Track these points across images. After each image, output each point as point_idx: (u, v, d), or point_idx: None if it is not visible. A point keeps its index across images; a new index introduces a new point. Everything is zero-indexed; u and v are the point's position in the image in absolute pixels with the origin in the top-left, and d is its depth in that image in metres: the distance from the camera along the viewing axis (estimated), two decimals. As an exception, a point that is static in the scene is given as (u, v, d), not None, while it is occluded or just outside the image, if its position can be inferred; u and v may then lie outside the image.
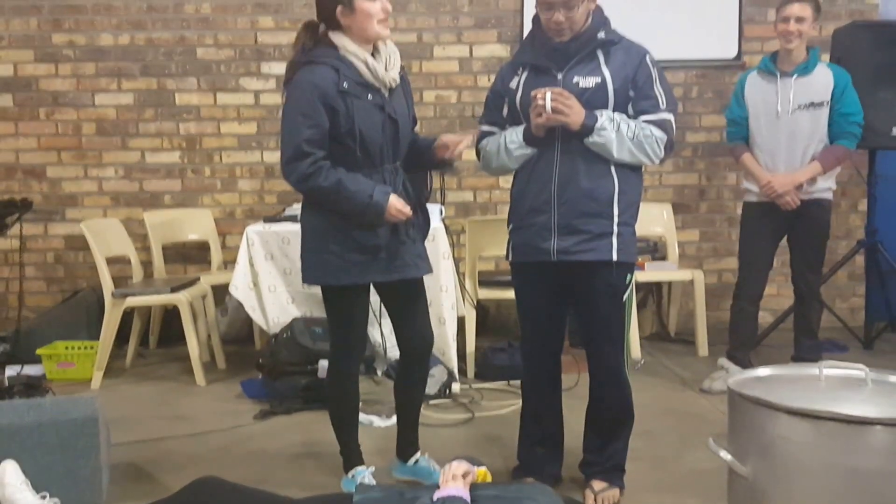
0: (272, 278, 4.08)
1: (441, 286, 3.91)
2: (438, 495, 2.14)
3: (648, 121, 2.57)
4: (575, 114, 2.51)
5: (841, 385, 2.17)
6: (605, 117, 2.54)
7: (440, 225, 3.93)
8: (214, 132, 5.33)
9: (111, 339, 4.27)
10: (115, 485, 2.78)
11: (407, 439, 2.96)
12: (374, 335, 3.83)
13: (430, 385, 3.78)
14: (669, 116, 2.60)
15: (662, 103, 2.60)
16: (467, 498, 2.15)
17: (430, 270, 2.82)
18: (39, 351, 4.40)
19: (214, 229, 5.26)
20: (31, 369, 4.31)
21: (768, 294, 4.28)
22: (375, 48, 2.61)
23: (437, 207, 3.70)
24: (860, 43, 4.51)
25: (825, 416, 1.95)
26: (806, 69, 3.88)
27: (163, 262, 5.00)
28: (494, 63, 5.16)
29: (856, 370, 2.20)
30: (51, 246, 5.38)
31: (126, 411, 3.76)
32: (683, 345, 4.90)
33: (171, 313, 4.69)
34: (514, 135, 2.65)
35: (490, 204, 5.40)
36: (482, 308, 4.70)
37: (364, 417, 3.37)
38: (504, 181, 4.96)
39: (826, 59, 4.04)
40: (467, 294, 4.33)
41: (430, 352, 2.92)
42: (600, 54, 2.59)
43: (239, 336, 4.99)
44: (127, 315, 4.45)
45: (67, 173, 5.34)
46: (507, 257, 2.79)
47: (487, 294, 4.52)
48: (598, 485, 2.75)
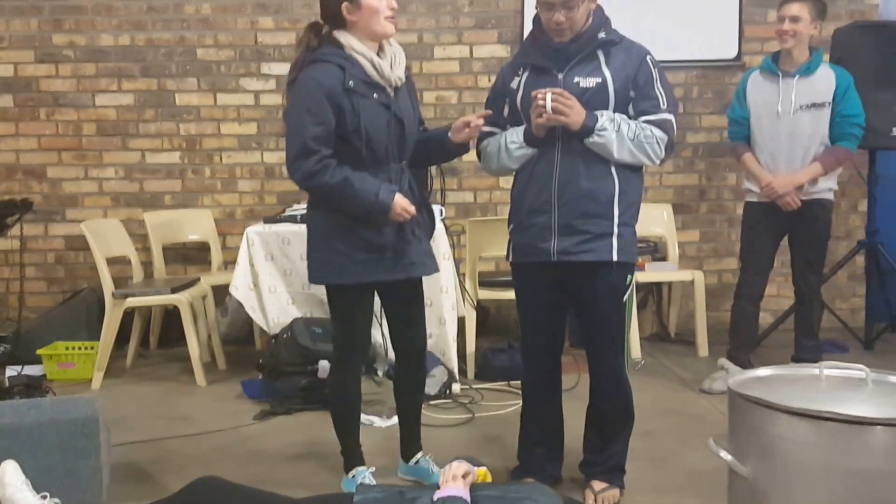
0: (272, 279, 4.08)
1: (441, 287, 3.91)
2: (439, 495, 2.15)
3: (649, 121, 2.57)
4: (575, 114, 2.51)
5: (841, 385, 2.17)
6: (606, 118, 2.54)
7: (440, 225, 3.93)
8: (214, 132, 5.34)
9: (111, 340, 4.27)
10: (116, 485, 2.78)
11: (408, 439, 2.97)
12: (376, 336, 3.82)
13: (431, 385, 3.79)
14: (670, 117, 2.60)
15: (663, 103, 2.60)
16: (467, 498, 2.15)
17: (437, 269, 2.81)
18: (40, 351, 4.40)
19: (215, 230, 5.26)
20: (32, 369, 4.31)
21: (769, 294, 4.28)
22: (381, 47, 2.61)
23: (438, 208, 3.70)
24: (860, 43, 4.51)
25: (825, 417, 1.95)
26: (808, 70, 3.88)
27: (163, 263, 5.00)
28: (495, 63, 5.16)
29: (856, 371, 2.20)
30: (51, 246, 5.39)
31: (126, 411, 3.76)
32: (683, 345, 4.90)
33: (172, 314, 4.69)
34: (515, 135, 2.66)
35: (490, 204, 5.39)
36: (482, 309, 4.70)
37: (365, 418, 3.37)
38: (504, 182, 4.96)
39: (826, 60, 4.03)
40: (467, 295, 4.33)
41: (425, 352, 2.92)
42: (601, 54, 2.59)
43: (239, 336, 4.98)
44: (127, 315, 4.45)
45: (68, 174, 5.34)
46: (508, 258, 2.79)
47: (487, 295, 4.52)
48: (599, 485, 2.75)
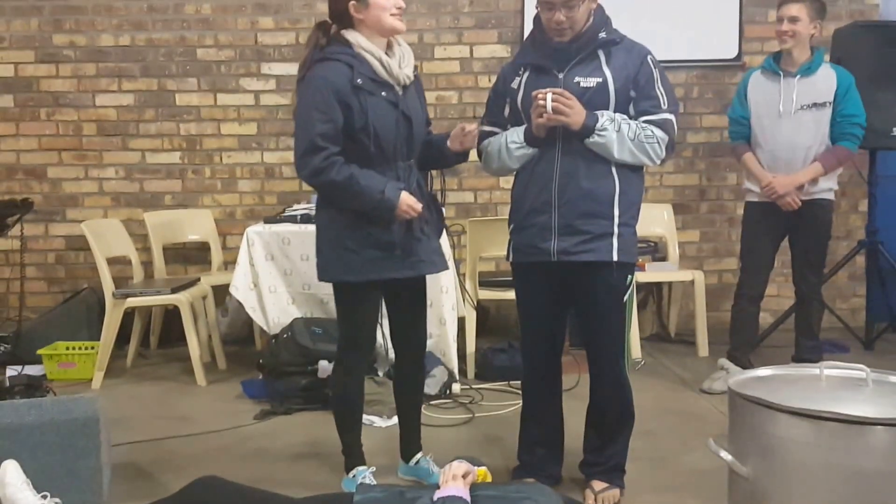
0: (272, 279, 4.08)
1: (441, 287, 3.90)
2: (439, 495, 2.15)
3: (650, 121, 2.57)
4: (576, 114, 2.51)
5: (841, 385, 2.16)
6: (606, 118, 2.53)
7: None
8: (215, 133, 5.33)
9: (112, 340, 4.27)
10: (116, 485, 2.78)
11: (408, 439, 2.97)
12: (377, 336, 3.83)
13: (431, 385, 3.79)
14: (671, 117, 2.60)
15: (664, 103, 2.60)
16: (467, 498, 2.15)
17: (446, 267, 2.83)
18: (40, 351, 4.40)
19: (215, 230, 5.25)
20: (32, 369, 4.31)
21: (769, 294, 4.28)
22: (389, 46, 2.62)
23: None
24: (861, 43, 4.51)
25: (826, 417, 1.95)
26: (809, 69, 3.88)
27: (163, 263, 5.00)
28: (495, 63, 5.15)
29: (856, 371, 2.20)
30: (51, 246, 5.38)
31: (127, 411, 3.76)
32: (684, 345, 4.90)
33: (172, 314, 4.69)
34: (515, 135, 2.65)
35: (490, 205, 5.39)
36: (482, 309, 4.70)
37: (365, 418, 3.35)
38: (504, 182, 4.96)
39: (827, 60, 4.03)
40: (467, 295, 4.33)
41: (425, 352, 2.93)
42: (601, 54, 2.59)
43: (239, 336, 4.98)
44: (128, 315, 4.45)
45: (68, 174, 5.34)
46: (508, 258, 2.79)
47: (488, 295, 4.52)
48: (599, 485, 2.75)
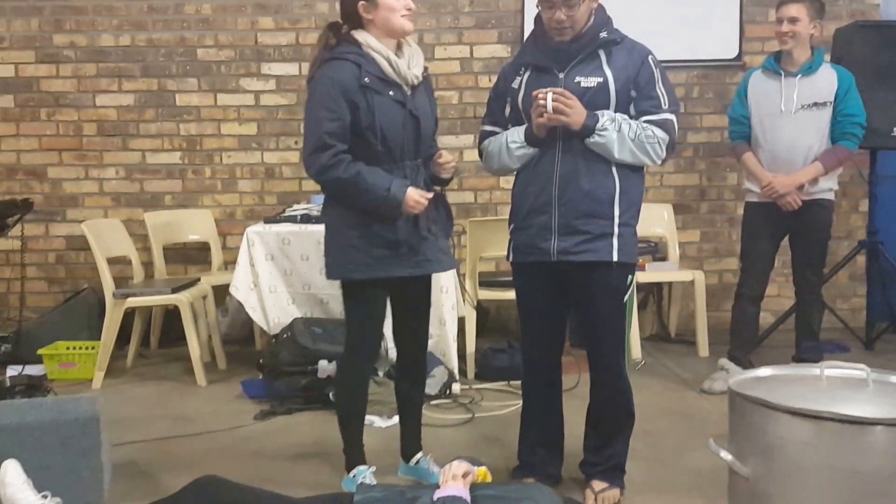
0: (273, 279, 4.08)
1: (441, 287, 3.90)
2: (439, 495, 2.15)
3: (650, 121, 2.57)
4: (576, 114, 2.51)
5: (842, 385, 2.16)
6: (607, 118, 2.53)
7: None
8: (215, 133, 5.33)
9: (112, 340, 4.27)
10: (117, 484, 2.78)
11: (409, 439, 2.97)
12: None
13: (431, 385, 3.79)
14: (671, 117, 2.60)
15: (664, 103, 2.60)
16: (467, 498, 2.15)
17: (453, 266, 2.84)
18: (41, 351, 4.40)
19: (215, 230, 5.25)
20: (33, 369, 4.31)
21: (769, 294, 4.28)
22: (399, 47, 2.64)
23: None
24: (861, 43, 4.51)
25: (826, 417, 1.95)
26: (810, 69, 3.87)
27: (163, 263, 5.00)
28: (495, 63, 5.15)
29: (857, 371, 2.20)
30: (52, 246, 5.38)
31: (127, 411, 3.77)
32: (684, 345, 4.90)
33: (172, 314, 4.68)
34: (516, 135, 2.66)
35: (490, 205, 5.39)
36: (482, 309, 4.70)
37: (365, 418, 3.36)
38: (504, 182, 4.96)
39: (828, 60, 4.03)
40: (467, 295, 4.33)
41: (426, 352, 2.93)
42: (602, 54, 2.59)
43: (239, 336, 4.99)
44: (128, 315, 4.45)
45: (68, 174, 5.34)
46: (508, 257, 2.79)
47: (488, 295, 4.52)
48: (599, 485, 2.75)
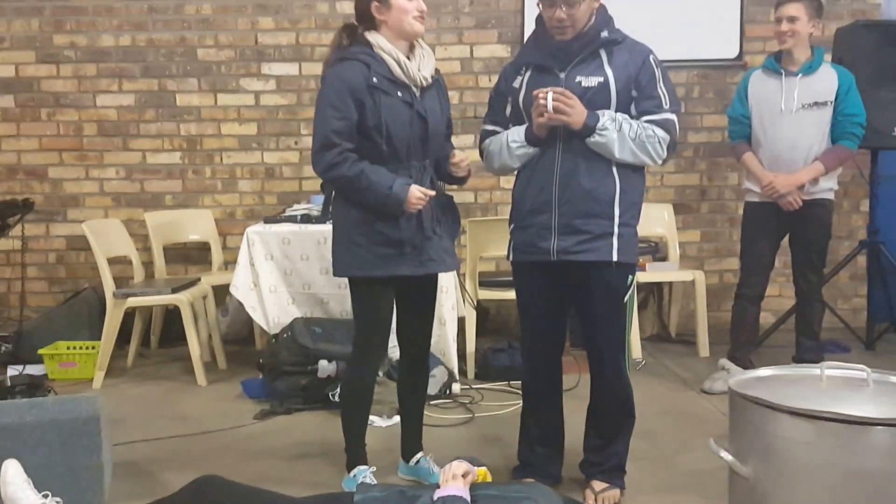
0: (273, 279, 4.08)
1: (441, 287, 3.87)
2: (439, 495, 2.15)
3: (651, 121, 2.57)
4: (577, 113, 2.51)
5: (842, 386, 2.16)
6: (607, 117, 2.53)
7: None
8: (215, 133, 5.34)
9: (112, 340, 4.27)
10: (117, 484, 2.78)
11: (409, 439, 2.98)
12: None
13: (431, 385, 3.78)
14: (672, 116, 2.60)
15: (665, 103, 2.60)
16: (467, 498, 2.15)
17: (456, 266, 2.85)
18: (41, 351, 4.40)
19: (215, 230, 5.26)
20: (33, 369, 4.30)
21: (770, 294, 4.28)
22: (411, 49, 2.66)
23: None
24: (862, 43, 4.51)
25: (826, 417, 1.95)
26: (810, 68, 3.87)
27: (164, 263, 5.00)
28: (495, 63, 5.15)
29: (857, 371, 2.20)
30: (52, 246, 5.39)
31: (127, 411, 3.77)
32: (684, 345, 4.90)
33: (173, 313, 4.69)
34: (517, 134, 2.66)
35: (491, 204, 5.39)
36: (482, 309, 4.70)
37: (366, 417, 3.37)
38: (505, 181, 4.97)
39: (828, 59, 4.03)
40: (468, 294, 4.33)
41: (429, 352, 2.93)
42: (603, 54, 2.59)
43: (239, 336, 4.99)
44: (128, 315, 4.45)
45: (69, 174, 5.34)
46: (508, 257, 2.79)
47: (488, 295, 4.52)
48: (599, 485, 2.75)
